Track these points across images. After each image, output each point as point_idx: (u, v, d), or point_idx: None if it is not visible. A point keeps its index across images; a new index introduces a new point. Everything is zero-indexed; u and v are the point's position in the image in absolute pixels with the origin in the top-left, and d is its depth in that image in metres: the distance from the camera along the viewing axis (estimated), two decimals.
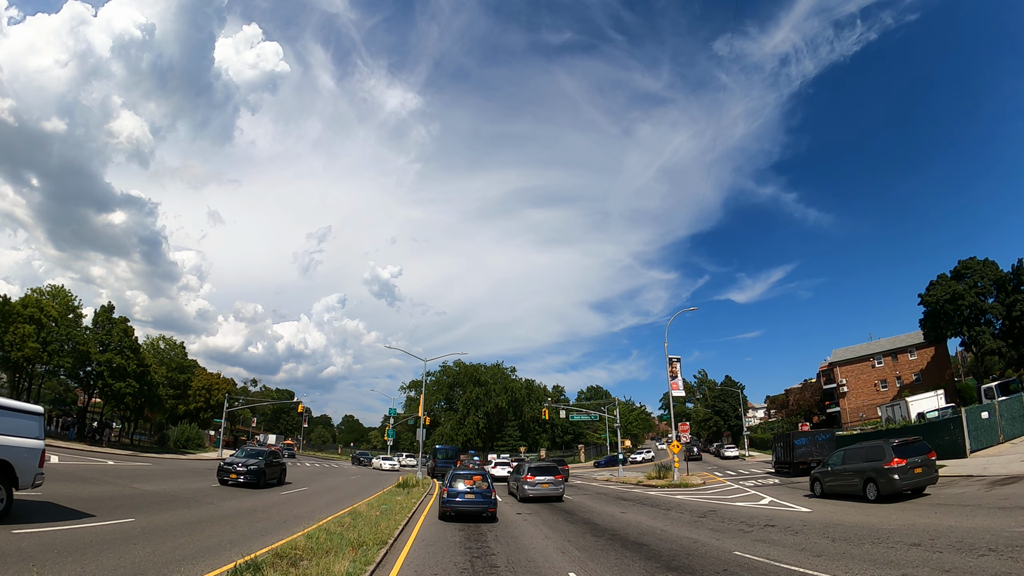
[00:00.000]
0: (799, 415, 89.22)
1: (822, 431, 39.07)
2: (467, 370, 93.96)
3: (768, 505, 21.28)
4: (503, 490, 29.25)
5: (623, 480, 39.00)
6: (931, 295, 64.16)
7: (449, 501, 17.95)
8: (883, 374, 77.78)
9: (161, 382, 57.41)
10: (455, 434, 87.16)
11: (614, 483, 38.29)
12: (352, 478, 39.09)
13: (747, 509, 20.26)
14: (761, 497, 24.22)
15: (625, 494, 28.65)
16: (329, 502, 21.57)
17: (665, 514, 19.69)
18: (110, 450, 44.39)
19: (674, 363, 37.68)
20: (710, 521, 17.39)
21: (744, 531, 15.16)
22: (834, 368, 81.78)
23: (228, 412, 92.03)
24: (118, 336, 52.43)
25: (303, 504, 20.56)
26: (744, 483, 33.54)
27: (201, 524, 14.35)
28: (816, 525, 15.15)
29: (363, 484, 32.75)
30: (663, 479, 36.59)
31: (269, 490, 24.90)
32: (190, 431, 64.44)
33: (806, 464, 35.35)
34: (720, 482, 34.90)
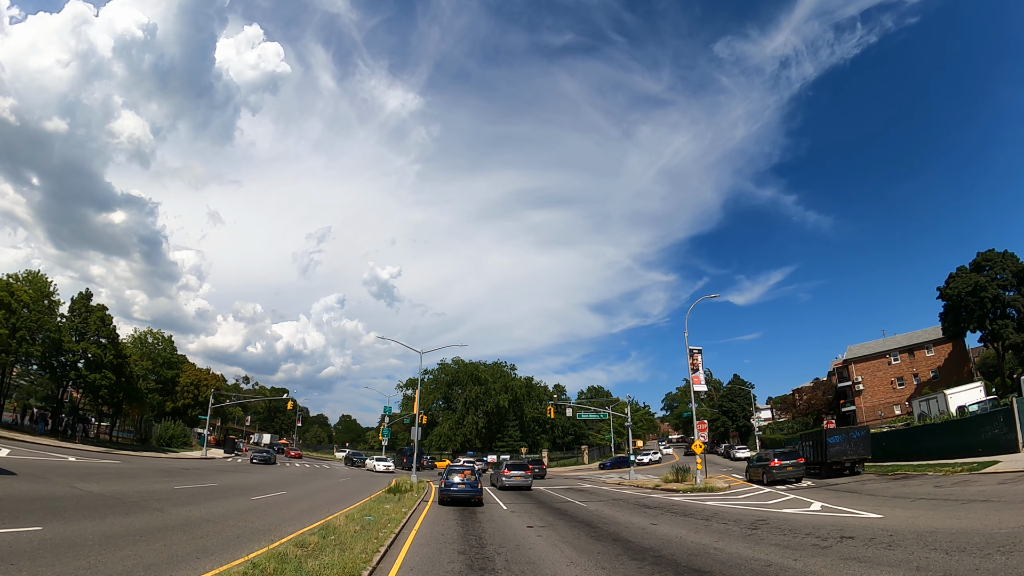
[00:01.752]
0: (810, 415, 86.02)
1: (855, 428, 35.96)
2: (466, 368, 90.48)
3: (822, 511, 18.05)
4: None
5: (637, 484, 35.66)
6: (951, 288, 61.24)
7: (446, 490, 22.47)
8: (899, 371, 74.76)
9: (142, 375, 53.88)
10: (453, 434, 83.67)
11: (627, 487, 34.95)
12: (340, 480, 35.67)
13: (803, 517, 16.93)
14: (807, 502, 21.01)
15: (646, 500, 25.29)
16: (304, 511, 18.16)
17: (706, 525, 16.34)
18: (82, 446, 41.30)
19: (695, 354, 34.37)
20: (767, 534, 14.06)
21: (820, 547, 11.93)
22: (849, 365, 78.57)
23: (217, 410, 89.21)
24: (95, 325, 48.99)
25: (272, 513, 17.17)
26: (775, 486, 30.29)
27: (125, 538, 11.10)
28: (906, 534, 12.28)
29: (351, 488, 29.34)
30: (682, 482, 33.30)
31: (238, 495, 21.55)
32: (175, 428, 61.13)
33: (840, 464, 32.38)
34: (746, 485, 31.65)
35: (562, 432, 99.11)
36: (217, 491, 22.78)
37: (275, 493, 23.43)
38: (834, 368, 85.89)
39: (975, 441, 28.84)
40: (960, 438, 30.29)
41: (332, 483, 32.44)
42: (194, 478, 28.25)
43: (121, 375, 50.26)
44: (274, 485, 27.21)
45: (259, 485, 26.81)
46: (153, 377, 74.97)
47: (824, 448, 33.24)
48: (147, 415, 70.93)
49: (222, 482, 27.28)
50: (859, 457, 32.22)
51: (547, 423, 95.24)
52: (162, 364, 77.02)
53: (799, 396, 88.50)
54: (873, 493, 22.26)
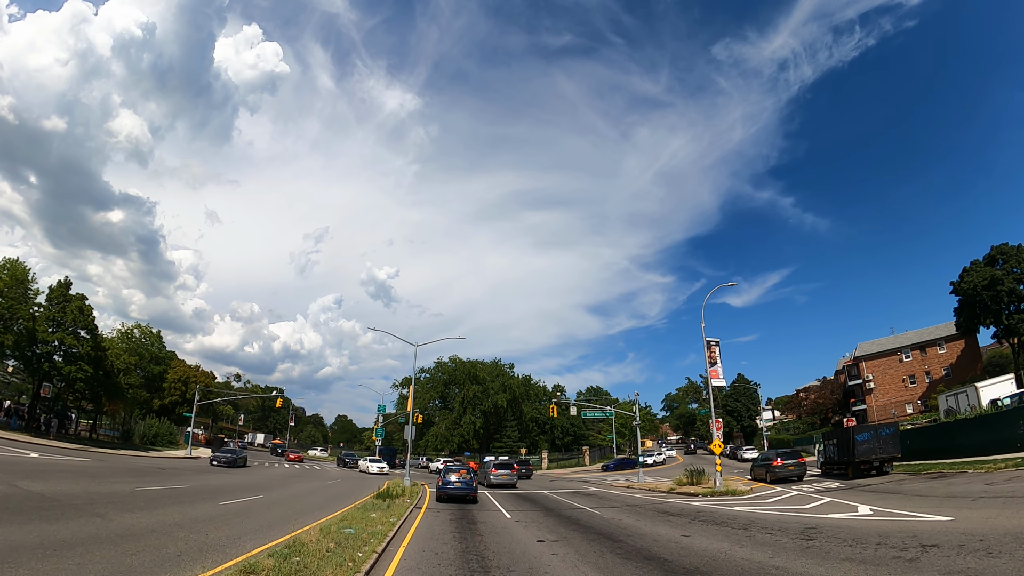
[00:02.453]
0: (817, 414, 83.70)
1: (884, 425, 33.68)
2: (464, 366, 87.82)
3: (875, 515, 15.96)
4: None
5: (648, 487, 33.08)
6: (966, 282, 59.17)
7: (443, 488, 23.43)
8: (911, 369, 72.51)
9: (123, 368, 51.14)
10: (450, 434, 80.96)
11: (638, 490, 32.36)
12: (328, 483, 33.01)
13: (858, 523, 14.61)
14: (849, 505, 18.83)
15: (665, 506, 22.71)
16: (275, 520, 15.54)
17: (748, 536, 13.81)
18: (56, 443, 38.87)
19: (713, 347, 31.83)
20: (830, 546, 11.65)
21: (906, 559, 9.83)
22: (859, 363, 76.14)
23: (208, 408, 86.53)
24: (72, 315, 46.23)
25: (235, 522, 14.55)
26: (799, 487, 27.91)
27: (31, 551, 8.71)
28: (999, 538, 10.65)
29: (337, 491, 26.70)
30: (698, 485, 30.82)
31: (207, 499, 18.93)
32: (159, 426, 58.40)
33: (868, 464, 30.30)
34: (769, 487, 29.16)
35: (561, 433, 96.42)
36: (184, 494, 20.17)
37: (249, 497, 20.81)
38: (843, 366, 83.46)
39: (1013, 436, 26.91)
40: (996, 433, 28.41)
41: (318, 486, 29.82)
42: (165, 479, 25.67)
43: (99, 368, 47.55)
44: (252, 488, 24.59)
45: (235, 488, 24.21)
46: (141, 373, 72.64)
47: (851, 446, 31.20)
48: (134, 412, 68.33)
49: (195, 484, 24.66)
50: (888, 456, 30.34)
51: (546, 423, 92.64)
52: (149, 359, 74.49)
53: (806, 395, 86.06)
54: (919, 493, 20.24)
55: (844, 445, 32.48)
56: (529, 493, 29.77)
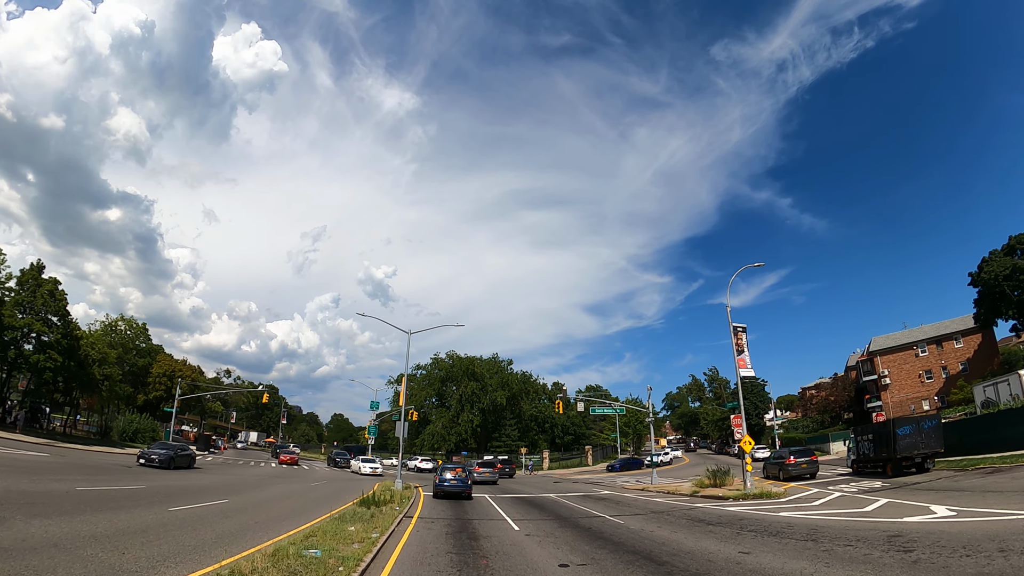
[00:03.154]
0: (827, 412, 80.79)
1: (926, 417, 30.99)
2: (461, 363, 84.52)
3: (961, 517, 13.35)
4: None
5: (666, 489, 29.98)
6: (986, 272, 56.67)
7: (440, 485, 24.47)
8: (928, 363, 69.71)
9: (98, 359, 47.87)
10: (447, 433, 77.65)
11: (656, 493, 29.24)
12: (312, 485, 29.80)
13: (956, 527, 11.94)
14: (919, 506, 16.14)
15: (696, 513, 19.60)
16: (226, 534, 12.36)
17: (827, 552, 10.81)
18: (20, 437, 36.52)
19: (740, 333, 28.80)
20: (943, 559, 8.85)
21: None
22: (874, 358, 73.14)
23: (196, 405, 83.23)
24: (42, 299, 42.99)
25: (173, 537, 11.35)
26: (841, 487, 25.11)
27: None
28: None
29: (319, 495, 23.51)
30: (724, 486, 27.85)
31: (158, 503, 15.77)
32: (140, 422, 55.25)
33: (910, 459, 27.87)
34: (803, 488, 26.14)
35: (562, 432, 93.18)
36: (133, 496, 17.08)
37: (210, 502, 17.65)
38: (856, 362, 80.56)
39: None
40: None
41: (299, 488, 26.62)
42: (122, 478, 22.56)
43: (71, 358, 44.27)
44: (220, 491, 21.43)
45: (200, 490, 21.07)
46: (126, 367, 69.72)
47: (892, 441, 28.61)
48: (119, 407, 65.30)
49: (154, 484, 21.53)
50: (931, 451, 28.01)
51: (546, 422, 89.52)
52: (133, 352, 71.48)
53: (816, 392, 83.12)
54: (988, 489, 18.12)
55: (883, 440, 29.84)
56: (535, 498, 26.67)
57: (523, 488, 33.99)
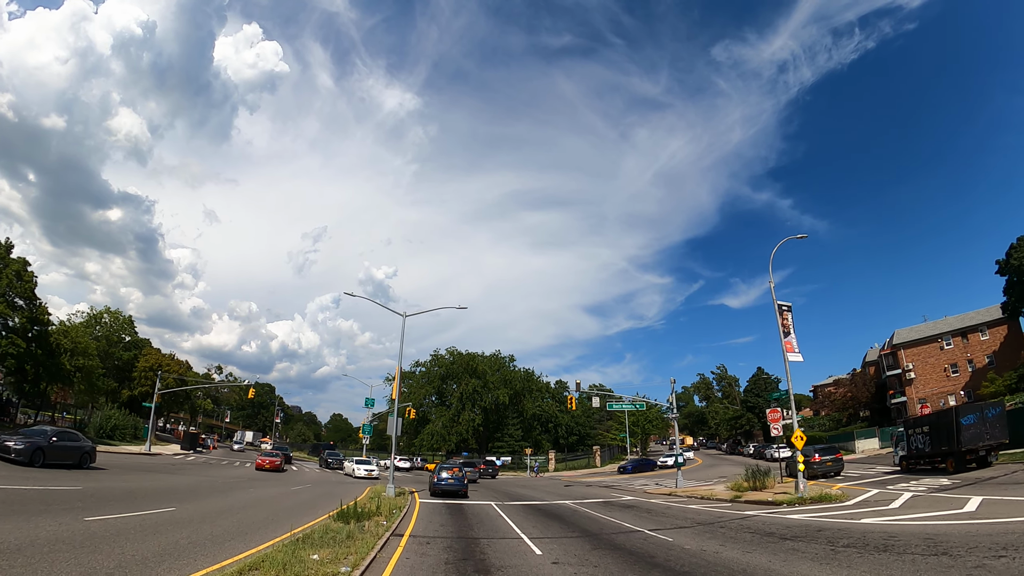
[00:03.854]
0: (847, 409, 77.05)
1: (988, 405, 27.53)
2: (462, 359, 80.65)
3: None
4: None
5: (699, 494, 26.21)
6: (1015, 258, 53.44)
7: (437, 484, 26.02)
8: (953, 357, 66.03)
9: (69, 348, 44.24)
10: (447, 433, 73.78)
11: (688, 499, 25.44)
12: (292, 490, 25.96)
13: None
14: None
15: (755, 523, 15.84)
16: (132, 560, 8.56)
17: (982, 567, 7.09)
18: None
19: (785, 313, 25.06)
20: None
21: None
22: (898, 351, 69.32)
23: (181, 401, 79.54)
24: (7, 279, 39.32)
25: (52, 563, 7.60)
26: (900, 486, 22.04)
27: None
28: None
29: (292, 504, 19.66)
30: (765, 489, 24.16)
31: (78, 509, 12.00)
32: (120, 418, 51.63)
33: (975, 452, 24.99)
34: (858, 489, 22.51)
35: (566, 431, 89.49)
36: (56, 499, 13.48)
37: (151, 510, 13.92)
38: (878, 356, 76.83)
39: None
40: None
41: (275, 493, 22.80)
42: (58, 478, 18.73)
43: (39, 345, 40.59)
44: (174, 495, 17.66)
45: (147, 493, 17.34)
46: (114, 360, 66.60)
47: (955, 433, 25.39)
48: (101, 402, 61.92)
49: (92, 485, 17.88)
50: (996, 442, 25.32)
51: (549, 421, 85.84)
52: (117, 345, 68.25)
53: (836, 390, 79.38)
54: None
55: (942, 432, 26.58)
56: (550, 506, 22.93)
57: (532, 493, 30.25)
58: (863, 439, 57.86)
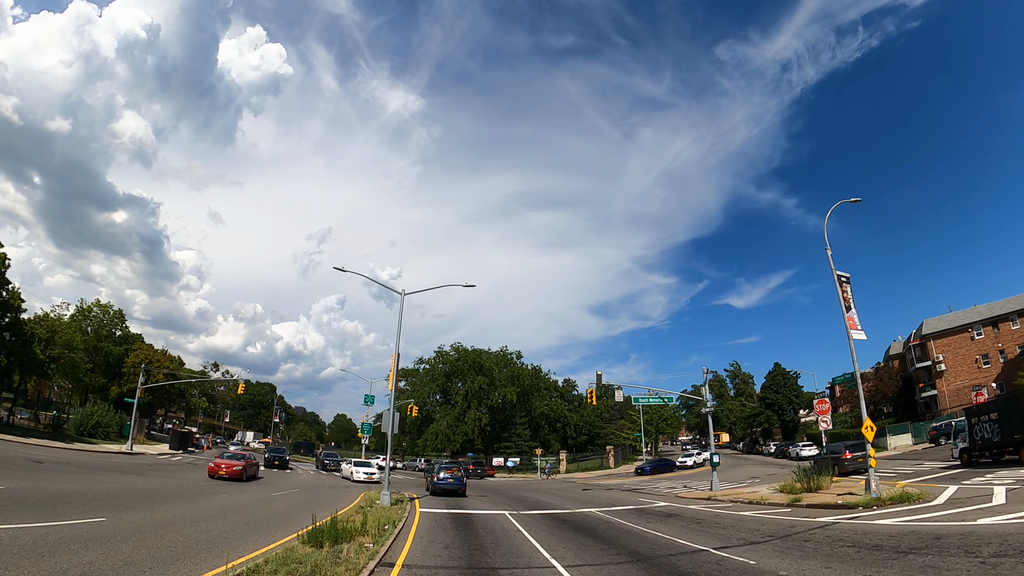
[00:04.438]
0: (870, 405, 73.28)
1: None
2: (467, 356, 77.05)
3: None
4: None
5: (744, 498, 22.60)
6: None
7: (437, 483, 26.86)
8: (984, 347, 62.45)
9: (45, 338, 41.05)
10: (452, 432, 70.24)
11: (733, 505, 21.84)
12: (273, 495, 22.35)
13: None
14: None
15: (843, 532, 12.28)
16: None
17: None
18: None
19: (844, 284, 21.57)
20: None
21: None
22: (927, 342, 65.53)
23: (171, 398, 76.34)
24: None
25: None
26: (975, 481, 18.61)
27: None
28: None
29: (263, 516, 16.05)
30: (821, 490, 20.71)
31: None
32: (102, 414, 48.63)
33: None
34: (933, 487, 18.90)
35: (575, 431, 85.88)
36: None
37: (67, 521, 10.55)
38: (906, 347, 73.14)
39: None
40: None
41: (247, 500, 19.19)
42: None
43: (12, 333, 37.34)
44: (117, 501, 14.24)
45: (82, 498, 13.94)
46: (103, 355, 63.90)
47: None
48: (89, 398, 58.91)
49: (13, 485, 14.53)
50: None
51: (558, 421, 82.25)
52: (107, 339, 65.43)
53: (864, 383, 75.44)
54: None
55: (1016, 418, 23.68)
56: (575, 516, 19.41)
57: (549, 499, 26.72)
58: (895, 435, 54.76)
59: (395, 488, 32.53)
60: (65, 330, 49.20)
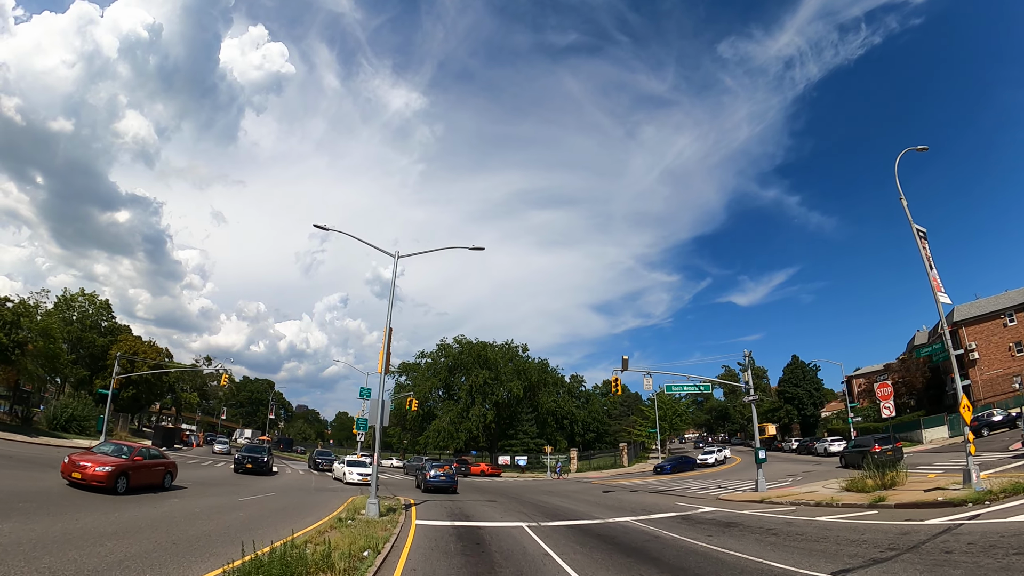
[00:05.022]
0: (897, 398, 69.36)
1: None
2: (471, 348, 73.02)
3: None
4: None
5: (807, 499, 18.73)
6: None
7: (429, 481, 27.94)
8: (1017, 334, 58.62)
9: (10, 320, 37.49)
10: (455, 430, 66.31)
11: (796, 507, 17.97)
12: (240, 500, 18.34)
13: None
14: None
15: (989, 538, 8.44)
16: None
17: None
18: None
19: (923, 240, 17.84)
20: None
21: None
22: (959, 329, 61.52)
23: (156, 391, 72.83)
24: None
25: None
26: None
27: None
28: None
29: (200, 533, 11.89)
30: (895, 487, 17.03)
31: None
32: (78, 407, 45.27)
33: None
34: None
35: (583, 428, 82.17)
36: None
37: None
38: (933, 336, 69.07)
39: None
40: None
41: (204, 508, 15.16)
42: None
43: None
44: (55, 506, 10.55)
45: None
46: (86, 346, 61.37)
47: None
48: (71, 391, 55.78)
49: None
50: None
51: (565, 418, 78.50)
52: (92, 330, 62.33)
53: (889, 375, 71.62)
54: None
55: None
56: (611, 528, 15.63)
57: (570, 505, 22.87)
58: (930, 428, 51.60)
59: (392, 491, 28.72)
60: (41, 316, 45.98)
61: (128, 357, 58.88)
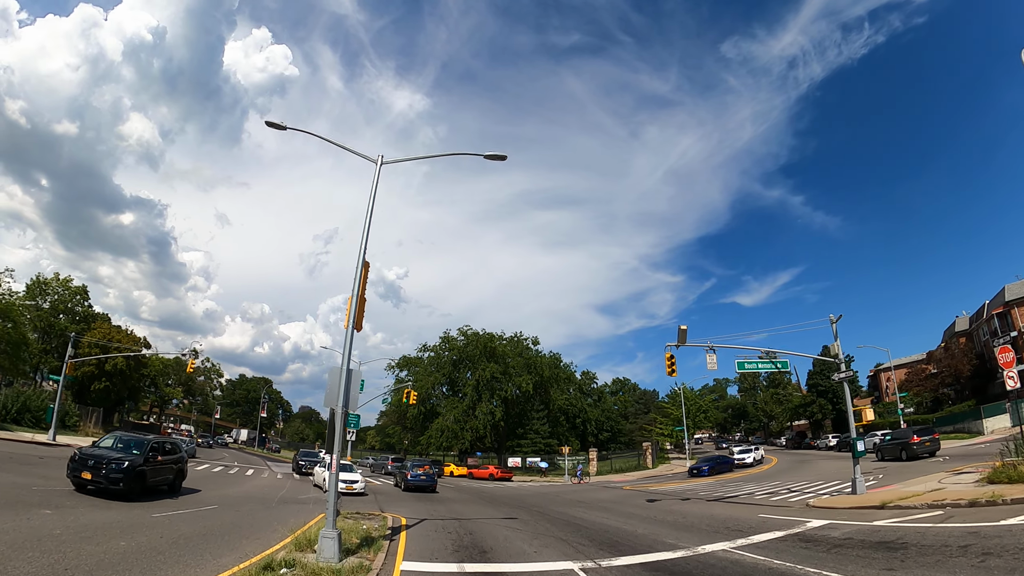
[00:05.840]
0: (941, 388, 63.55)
1: None
2: (478, 341, 67.23)
3: None
4: None
5: (945, 500, 12.83)
6: None
7: (410, 480, 28.94)
8: None
9: None
10: (460, 429, 60.46)
11: (939, 509, 12.07)
12: (153, 517, 12.74)
13: None
14: None
15: None
16: None
17: None
18: None
19: None
20: None
21: None
22: (1011, 310, 55.49)
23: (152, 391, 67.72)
24: None
25: None
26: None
27: None
28: None
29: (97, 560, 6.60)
30: None
31: None
32: (32, 397, 40.58)
33: None
34: None
35: (596, 427, 76.51)
36: None
37: None
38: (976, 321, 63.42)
39: None
40: None
41: (100, 524, 9.84)
42: None
43: None
44: None
45: None
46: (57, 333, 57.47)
47: None
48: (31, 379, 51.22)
49: None
50: None
51: (577, 416, 72.92)
52: (65, 315, 57.74)
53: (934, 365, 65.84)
54: None
55: None
56: (705, 567, 9.92)
57: (619, 522, 17.05)
58: (990, 417, 46.83)
59: (379, 501, 23.07)
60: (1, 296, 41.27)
61: (99, 343, 53.79)
